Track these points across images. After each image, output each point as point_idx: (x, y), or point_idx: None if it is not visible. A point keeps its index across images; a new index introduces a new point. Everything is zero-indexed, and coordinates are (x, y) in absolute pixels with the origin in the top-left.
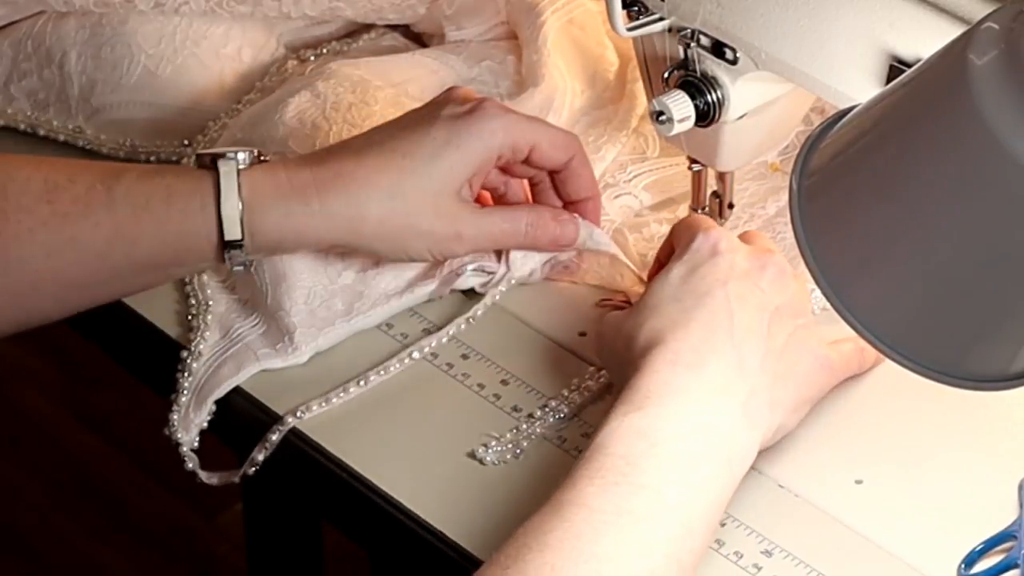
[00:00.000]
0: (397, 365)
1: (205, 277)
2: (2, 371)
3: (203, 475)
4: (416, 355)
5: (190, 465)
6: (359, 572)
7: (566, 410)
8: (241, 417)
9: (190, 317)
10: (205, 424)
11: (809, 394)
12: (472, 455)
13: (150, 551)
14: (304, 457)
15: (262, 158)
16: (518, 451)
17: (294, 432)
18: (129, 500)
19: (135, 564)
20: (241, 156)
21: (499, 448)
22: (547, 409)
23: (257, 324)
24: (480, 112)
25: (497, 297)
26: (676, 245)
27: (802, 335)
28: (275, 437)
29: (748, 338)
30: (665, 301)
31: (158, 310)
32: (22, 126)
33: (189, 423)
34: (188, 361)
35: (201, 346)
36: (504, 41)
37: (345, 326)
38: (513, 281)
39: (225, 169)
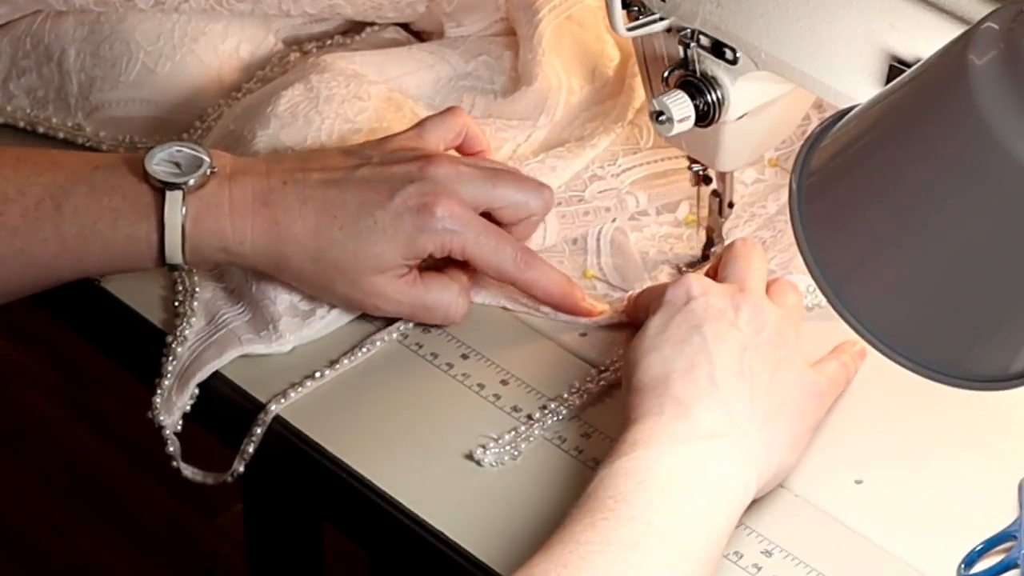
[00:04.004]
0: (379, 344)
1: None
2: (2, 371)
3: (190, 471)
4: (395, 335)
5: (171, 449)
6: (359, 572)
7: (565, 412)
8: (228, 408)
9: (176, 303)
10: (188, 408)
11: (804, 426)
12: (470, 457)
13: (150, 551)
14: (304, 457)
15: (212, 170)
16: (516, 453)
17: (294, 432)
18: (129, 500)
19: (135, 564)
20: (190, 181)
21: (497, 450)
22: (546, 411)
23: (243, 311)
24: (428, 214)
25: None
26: (650, 305)
27: (786, 368)
28: (259, 430)
29: (731, 380)
30: (643, 355)
31: (162, 314)
32: (21, 124)
33: (172, 406)
34: (173, 346)
35: (187, 331)
36: (502, 37)
37: (328, 318)
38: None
39: (171, 198)
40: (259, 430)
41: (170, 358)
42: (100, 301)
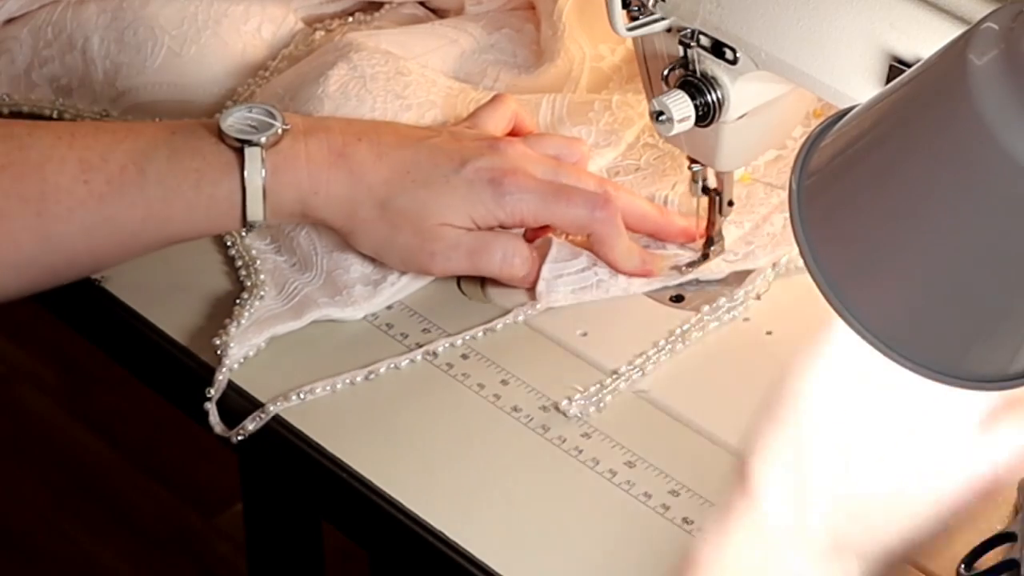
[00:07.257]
0: (404, 364)
1: (248, 241)
2: (2, 371)
3: (215, 417)
4: (419, 358)
5: (219, 379)
6: (359, 572)
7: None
8: (234, 410)
9: (241, 277)
10: (253, 352)
11: None
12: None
13: (150, 551)
14: (304, 457)
15: (286, 128)
16: (598, 402)
17: (294, 432)
18: (129, 500)
19: (135, 564)
20: (264, 139)
21: (582, 401)
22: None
23: (313, 279)
24: (498, 184)
25: (520, 318)
26: None
27: None
28: (272, 407)
29: None
30: None
31: (162, 313)
32: (47, 111)
33: (245, 340)
34: (250, 301)
35: (261, 294)
36: (523, 11)
37: (399, 284)
38: (540, 307)
39: (251, 155)
40: (271, 407)
41: (249, 309)
42: (100, 301)
